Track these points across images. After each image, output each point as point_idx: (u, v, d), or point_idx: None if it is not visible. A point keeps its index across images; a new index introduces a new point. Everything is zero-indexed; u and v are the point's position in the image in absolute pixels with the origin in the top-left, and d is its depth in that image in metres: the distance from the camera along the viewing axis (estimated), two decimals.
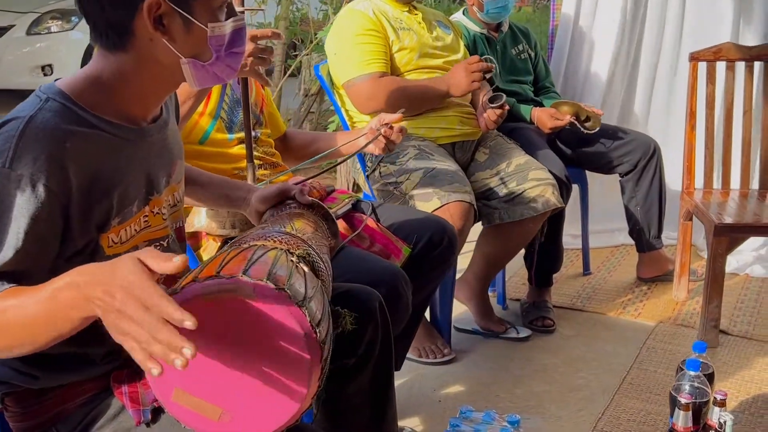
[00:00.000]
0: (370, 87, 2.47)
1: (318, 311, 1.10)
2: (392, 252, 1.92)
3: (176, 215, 1.32)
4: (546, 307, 2.87)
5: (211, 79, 1.23)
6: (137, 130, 1.20)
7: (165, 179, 1.27)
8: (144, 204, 1.21)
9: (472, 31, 3.06)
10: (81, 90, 1.14)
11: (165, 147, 1.27)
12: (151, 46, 1.16)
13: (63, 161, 1.06)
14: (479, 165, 2.67)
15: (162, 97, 1.24)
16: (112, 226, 1.14)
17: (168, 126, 1.29)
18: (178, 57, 1.16)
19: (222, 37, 1.19)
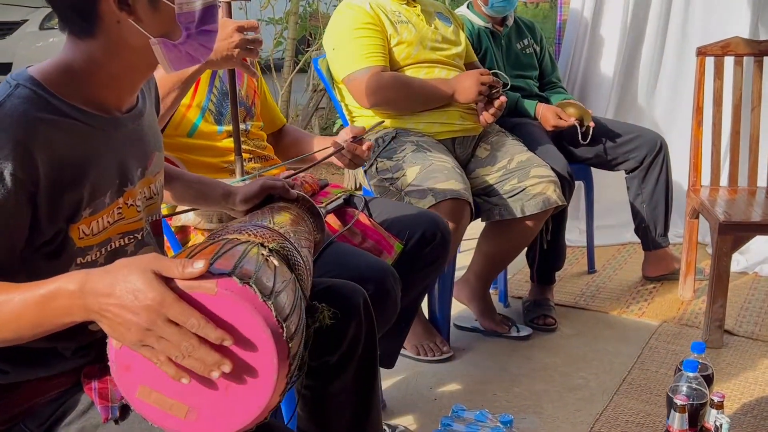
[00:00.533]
0: (371, 81, 2.44)
1: (287, 306, 1.07)
2: (384, 248, 1.89)
3: (152, 208, 1.30)
4: (548, 305, 2.83)
5: (185, 59, 1.19)
6: (110, 119, 1.17)
7: (140, 170, 1.24)
8: (117, 195, 1.18)
9: (476, 25, 3.02)
10: (53, 77, 1.12)
11: (140, 138, 1.24)
12: (119, 28, 1.13)
13: (31, 149, 1.03)
14: (480, 161, 2.63)
15: (136, 83, 1.21)
16: (82, 217, 1.12)
17: (144, 116, 1.26)
18: (148, 38, 1.13)
19: (191, 14, 1.16)
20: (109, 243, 1.18)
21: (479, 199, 2.60)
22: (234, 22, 1.62)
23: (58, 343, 1.15)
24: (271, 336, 1.00)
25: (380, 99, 2.44)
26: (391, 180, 2.41)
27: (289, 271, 1.18)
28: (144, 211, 1.26)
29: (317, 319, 1.25)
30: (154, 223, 1.31)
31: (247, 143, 1.91)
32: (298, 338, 1.09)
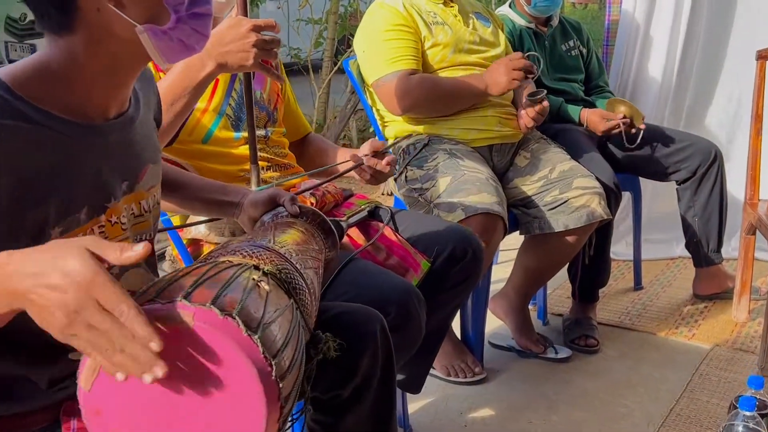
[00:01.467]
0: (400, 86, 2.29)
1: (279, 338, 0.94)
2: (410, 265, 1.74)
3: (142, 226, 1.16)
4: (590, 324, 2.65)
5: (178, 48, 1.05)
6: (90, 127, 1.04)
7: (126, 185, 1.11)
8: (98, 212, 1.05)
9: (518, 25, 2.86)
10: (24, 79, 0.99)
11: (129, 148, 1.11)
12: (100, 18, 0.99)
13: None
14: (519, 170, 2.47)
15: (124, 84, 1.08)
16: (51, 236, 0.99)
17: (135, 124, 1.12)
18: (133, 25, 1.00)
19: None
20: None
21: (517, 211, 2.44)
22: (249, 21, 1.48)
23: (29, 370, 1.03)
24: (257, 376, 0.87)
25: (410, 103, 2.30)
26: (420, 191, 2.26)
27: (287, 296, 1.05)
28: (130, 230, 1.13)
29: (321, 351, 1.12)
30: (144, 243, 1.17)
31: (266, 150, 1.78)
32: (293, 374, 0.96)
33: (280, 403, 0.91)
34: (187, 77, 1.48)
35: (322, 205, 1.77)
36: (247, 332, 0.88)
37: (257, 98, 1.80)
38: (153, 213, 1.19)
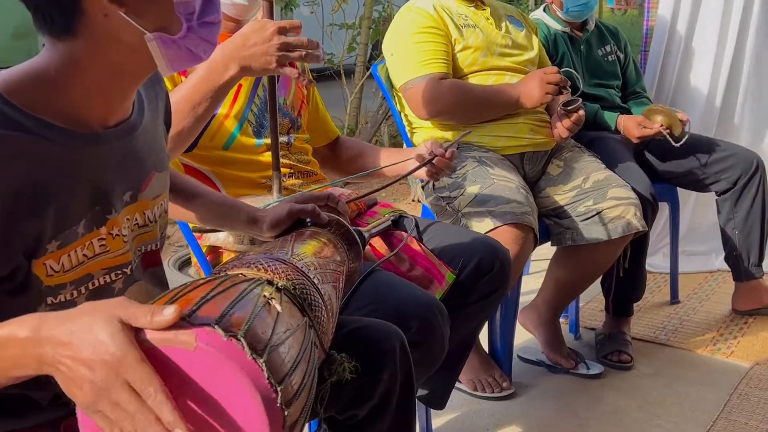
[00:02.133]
0: (429, 90, 2.23)
1: (288, 360, 0.88)
2: (435, 277, 1.68)
3: (146, 237, 1.11)
4: (623, 340, 2.56)
5: (185, 57, 1.02)
6: (87, 135, 0.99)
7: (128, 195, 1.06)
8: (98, 224, 1.01)
9: (553, 30, 2.78)
10: (17, 85, 0.94)
11: (131, 156, 1.06)
12: (107, 23, 0.95)
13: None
14: (551, 179, 2.39)
15: (126, 91, 1.03)
16: (48, 251, 0.94)
17: (137, 131, 1.07)
18: (142, 33, 0.96)
19: (191, 4, 0.99)
20: (91, 280, 1.01)
21: (549, 221, 2.37)
22: (274, 23, 1.44)
23: (31, 392, 0.99)
24: (261, 403, 0.81)
25: (438, 108, 2.24)
26: (448, 199, 2.20)
27: (301, 314, 1.00)
28: (133, 241, 1.08)
29: (335, 373, 1.06)
30: (148, 254, 1.12)
31: (288, 157, 1.74)
32: (301, 399, 0.90)
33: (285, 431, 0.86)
34: (210, 80, 1.44)
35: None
36: (252, 355, 0.82)
37: (280, 104, 1.76)
38: (160, 222, 1.14)
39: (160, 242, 1.16)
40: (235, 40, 1.42)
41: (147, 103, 1.14)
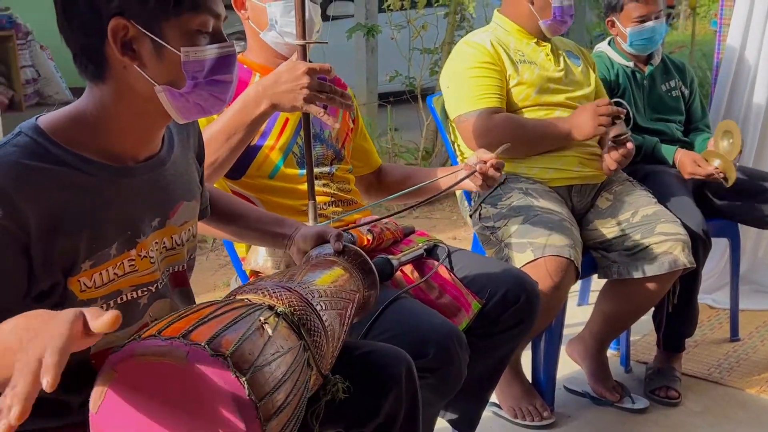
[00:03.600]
0: (481, 123, 2.30)
1: (273, 379, 0.98)
2: (462, 305, 1.75)
3: (174, 259, 1.25)
4: (672, 375, 2.54)
5: (194, 110, 1.13)
6: (120, 169, 1.13)
7: (157, 221, 1.19)
8: (128, 247, 1.14)
9: (615, 63, 2.80)
10: (59, 125, 1.09)
11: (160, 187, 1.20)
12: (126, 74, 1.09)
13: (19, 198, 1.01)
14: (600, 212, 2.41)
15: (151, 131, 1.17)
16: (82, 270, 1.08)
17: (166, 164, 1.21)
18: (153, 85, 1.09)
19: (200, 63, 1.10)
20: (119, 295, 1.14)
21: (597, 254, 2.38)
22: (305, 64, 1.56)
23: (65, 396, 1.13)
24: (239, 417, 0.92)
25: (489, 141, 2.29)
26: (492, 229, 2.26)
27: (297, 338, 1.09)
28: (162, 263, 1.21)
29: (329, 392, 1.15)
30: (176, 274, 1.26)
31: (330, 186, 1.85)
32: (283, 415, 0.99)
33: None
34: (243, 114, 1.57)
35: (379, 241, 1.81)
36: (235, 374, 0.93)
37: (325, 137, 1.87)
38: (187, 246, 1.27)
39: (187, 263, 1.29)
40: (269, 79, 1.55)
41: (178, 140, 1.27)
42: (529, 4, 2.41)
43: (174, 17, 1.08)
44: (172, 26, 1.08)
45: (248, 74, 1.83)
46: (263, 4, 1.77)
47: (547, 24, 2.41)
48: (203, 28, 1.10)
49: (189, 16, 1.08)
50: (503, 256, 2.19)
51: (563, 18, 2.40)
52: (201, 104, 1.13)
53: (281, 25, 1.76)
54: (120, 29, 1.06)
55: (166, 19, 1.07)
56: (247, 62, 1.85)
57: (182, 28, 1.08)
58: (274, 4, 1.76)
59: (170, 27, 1.08)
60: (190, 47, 1.09)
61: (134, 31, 1.07)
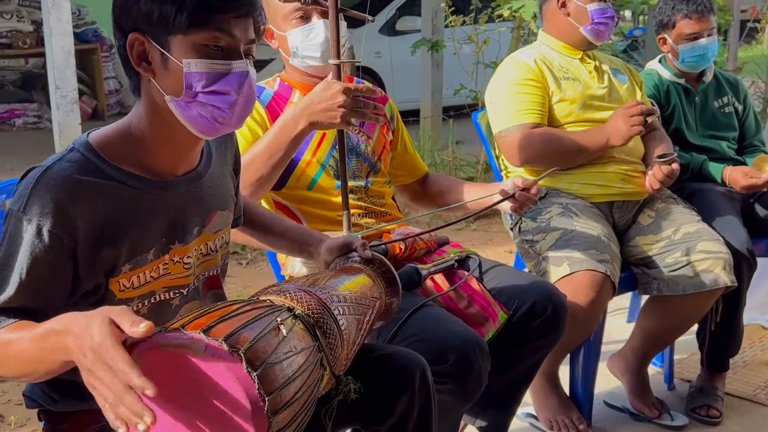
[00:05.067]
0: (521, 138, 2.36)
1: (282, 376, 1.07)
2: (490, 315, 1.81)
3: (208, 264, 1.36)
4: (714, 394, 2.52)
5: (201, 121, 1.20)
6: (159, 182, 1.25)
7: (196, 229, 1.31)
8: (163, 252, 1.26)
9: (665, 80, 2.80)
10: (106, 142, 1.22)
11: (197, 199, 1.31)
12: (150, 87, 1.21)
13: (70, 209, 1.14)
14: (642, 228, 2.43)
15: (185, 147, 1.27)
16: (121, 272, 1.20)
17: (204, 178, 1.32)
18: (163, 95, 1.19)
19: (200, 75, 1.18)
20: (153, 295, 1.26)
21: (638, 270, 2.40)
22: (341, 83, 1.66)
23: None
24: (249, 408, 1.01)
25: (529, 156, 2.35)
26: (531, 242, 2.31)
27: (313, 339, 1.18)
28: (197, 268, 1.32)
29: (341, 392, 1.24)
30: (210, 278, 1.37)
31: (364, 200, 1.94)
32: (290, 410, 1.08)
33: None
34: (283, 134, 1.69)
35: (412, 251, 1.89)
36: (247, 369, 1.02)
37: (361, 150, 1.96)
38: (221, 252, 1.38)
39: (221, 268, 1.40)
40: (306, 99, 1.66)
41: (216, 154, 1.38)
42: (565, 16, 2.46)
43: (180, 33, 1.17)
44: (179, 40, 1.17)
45: (289, 91, 1.94)
46: (284, 33, 1.87)
47: (588, 29, 2.44)
48: (213, 43, 1.18)
49: (194, 31, 1.17)
50: (541, 269, 2.23)
51: (602, 20, 2.42)
52: (205, 115, 1.20)
53: (302, 50, 1.87)
54: (136, 43, 1.19)
55: (174, 33, 1.17)
56: (288, 80, 1.97)
57: (188, 41, 1.18)
58: (293, 32, 1.86)
59: (177, 41, 1.18)
60: (192, 59, 1.18)
61: (147, 44, 1.18)
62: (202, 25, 1.17)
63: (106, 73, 7.82)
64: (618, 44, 7.73)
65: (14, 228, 1.14)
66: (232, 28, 1.20)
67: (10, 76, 7.44)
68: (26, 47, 7.20)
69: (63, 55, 4.32)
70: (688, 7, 2.67)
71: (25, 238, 1.13)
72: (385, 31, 7.82)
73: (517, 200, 1.91)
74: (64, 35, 4.33)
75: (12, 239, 1.14)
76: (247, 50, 1.23)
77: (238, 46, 1.21)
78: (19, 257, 1.13)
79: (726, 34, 8.36)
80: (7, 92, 7.30)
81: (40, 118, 7.25)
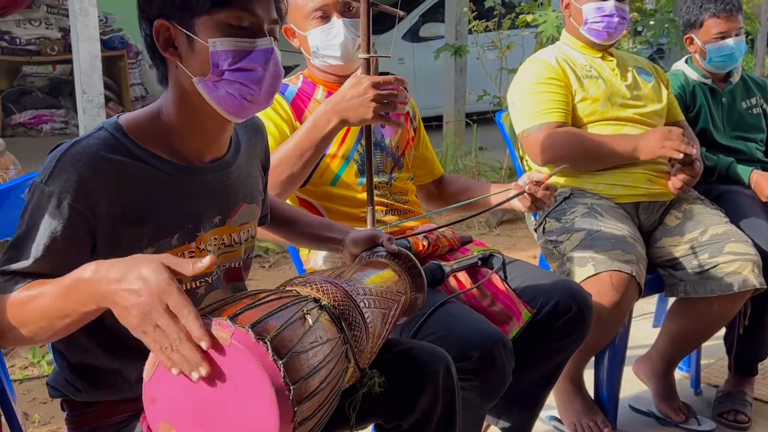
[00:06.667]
0: (545, 137, 2.34)
1: (307, 366, 1.07)
2: (514, 314, 1.80)
3: (230, 256, 1.36)
4: (743, 399, 2.48)
5: (226, 97, 1.21)
6: (187, 167, 1.25)
7: (218, 219, 1.31)
8: (189, 239, 1.26)
9: (692, 80, 2.77)
10: (137, 124, 1.23)
11: (223, 188, 1.31)
12: (177, 72, 1.22)
13: (92, 185, 1.15)
14: (668, 230, 2.40)
15: (212, 133, 1.27)
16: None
17: (231, 168, 1.33)
18: (191, 77, 1.20)
19: (226, 53, 1.19)
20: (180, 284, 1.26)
21: (664, 272, 2.38)
22: (369, 78, 1.66)
23: (122, 366, 1.25)
24: (275, 396, 1.01)
25: (553, 156, 2.34)
26: (555, 243, 2.29)
27: (338, 330, 1.18)
28: (219, 258, 1.32)
29: (365, 385, 1.23)
30: (231, 270, 1.37)
31: (387, 197, 1.93)
32: (315, 400, 1.08)
33: (293, 425, 1.04)
34: (315, 130, 1.69)
35: (435, 248, 1.88)
36: (273, 357, 1.02)
37: (386, 145, 1.96)
38: (245, 245, 1.38)
39: (243, 261, 1.40)
40: (336, 96, 1.66)
41: (246, 146, 1.39)
42: (569, 18, 2.47)
43: (205, 13, 1.19)
44: (204, 21, 1.19)
45: (312, 87, 1.95)
46: (305, 33, 1.88)
47: (585, 29, 2.44)
48: (236, 22, 1.20)
49: (218, 10, 1.19)
50: (565, 270, 2.21)
51: (597, 19, 2.40)
52: (233, 93, 1.21)
53: (322, 49, 1.87)
54: (162, 29, 1.20)
55: (198, 15, 1.19)
56: (311, 77, 1.97)
57: (213, 22, 1.19)
58: (313, 32, 1.86)
59: (202, 22, 1.19)
60: (217, 38, 1.19)
61: (173, 29, 1.20)
62: (225, 4, 1.19)
63: (132, 80, 7.89)
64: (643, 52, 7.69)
65: (36, 199, 1.16)
66: (255, 7, 1.21)
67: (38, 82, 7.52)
68: (54, 54, 7.29)
69: (90, 59, 4.37)
70: (716, 6, 2.65)
71: (45, 210, 1.14)
72: (408, 37, 7.82)
73: (530, 196, 1.88)
74: (91, 40, 4.38)
75: (34, 211, 1.16)
76: (270, 30, 1.25)
77: (262, 24, 1.23)
78: (40, 229, 1.14)
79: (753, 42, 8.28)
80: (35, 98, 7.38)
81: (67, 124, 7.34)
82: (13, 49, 7.21)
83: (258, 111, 1.30)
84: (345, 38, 1.82)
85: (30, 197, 1.17)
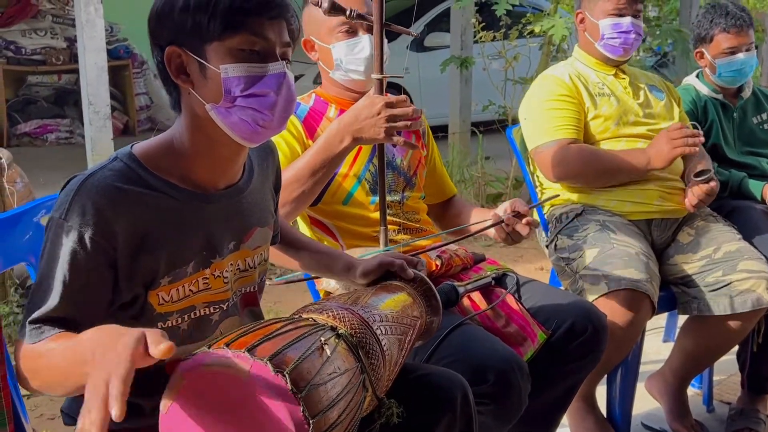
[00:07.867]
0: (557, 154, 2.33)
1: (327, 398, 1.05)
2: (528, 335, 1.78)
3: (247, 280, 1.34)
4: (756, 417, 2.46)
5: (239, 123, 1.20)
6: (201, 195, 1.24)
7: (232, 244, 1.29)
8: (203, 266, 1.25)
9: (702, 95, 2.76)
10: (150, 153, 1.22)
11: (237, 213, 1.30)
12: (190, 99, 1.21)
13: (111, 217, 1.14)
14: (681, 247, 2.38)
15: (226, 160, 1.26)
16: (161, 285, 1.19)
17: (245, 193, 1.31)
18: (203, 104, 1.19)
19: (238, 79, 1.18)
20: (193, 310, 1.25)
21: (677, 289, 2.35)
22: (382, 98, 1.65)
23: (138, 399, 1.23)
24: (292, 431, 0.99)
25: (565, 172, 2.32)
26: (567, 260, 2.27)
27: (356, 359, 1.16)
28: (235, 283, 1.31)
29: (383, 415, 1.22)
30: (247, 295, 1.35)
31: (399, 216, 1.92)
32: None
33: None
34: (327, 149, 1.68)
35: (448, 267, 1.86)
36: (293, 390, 1.01)
37: (397, 164, 1.95)
38: (259, 269, 1.37)
39: (258, 285, 1.38)
40: (349, 115, 1.65)
41: (258, 170, 1.38)
42: (583, 32, 2.46)
43: (216, 40, 1.18)
44: (215, 47, 1.18)
45: (325, 106, 1.94)
46: (328, 45, 1.87)
47: (602, 45, 2.42)
48: (248, 47, 1.19)
49: (229, 36, 1.18)
50: (578, 287, 2.20)
51: (614, 35, 2.38)
52: (246, 119, 1.20)
53: (346, 63, 1.86)
54: (173, 56, 1.19)
55: (209, 41, 1.18)
56: (324, 95, 1.96)
57: (224, 48, 1.18)
58: (338, 45, 1.85)
59: (213, 48, 1.18)
60: (229, 64, 1.18)
61: (185, 56, 1.19)
62: (236, 30, 1.18)
63: (137, 89, 7.91)
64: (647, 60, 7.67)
65: (55, 235, 1.14)
66: (266, 31, 1.20)
67: (44, 92, 7.53)
68: (59, 63, 7.30)
69: (96, 71, 4.37)
70: (727, 21, 2.63)
71: (66, 245, 1.13)
72: (414, 47, 7.82)
73: (507, 227, 1.80)
74: (98, 52, 4.38)
75: (53, 247, 1.14)
76: (283, 53, 1.23)
77: (274, 48, 1.21)
78: (60, 264, 1.13)
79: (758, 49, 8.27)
80: (41, 108, 7.39)
81: (72, 134, 7.34)
82: (18, 59, 7.23)
83: (272, 136, 1.30)
84: (371, 53, 1.81)
85: (48, 234, 1.16)
